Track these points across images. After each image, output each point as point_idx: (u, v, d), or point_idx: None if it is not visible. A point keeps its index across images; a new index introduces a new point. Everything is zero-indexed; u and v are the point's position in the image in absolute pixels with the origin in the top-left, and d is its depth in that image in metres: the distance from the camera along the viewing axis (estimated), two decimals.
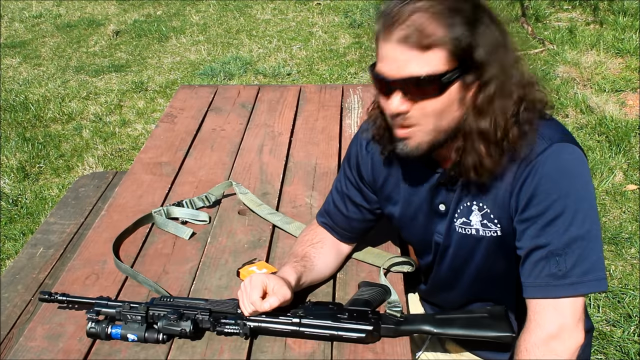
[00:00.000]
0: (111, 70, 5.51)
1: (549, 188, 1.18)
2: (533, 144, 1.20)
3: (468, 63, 1.13)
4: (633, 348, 2.33)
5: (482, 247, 1.33)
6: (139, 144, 4.19)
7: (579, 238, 1.18)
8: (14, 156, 4.15)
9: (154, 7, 7.12)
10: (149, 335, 1.35)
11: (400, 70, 1.13)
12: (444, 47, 1.11)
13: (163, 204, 1.87)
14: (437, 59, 1.12)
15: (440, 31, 1.10)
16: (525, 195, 1.21)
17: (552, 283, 1.19)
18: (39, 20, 7.06)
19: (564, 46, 4.81)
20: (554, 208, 1.18)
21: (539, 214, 1.20)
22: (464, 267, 1.40)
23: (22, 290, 2.04)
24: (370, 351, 1.32)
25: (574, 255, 1.18)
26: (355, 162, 1.50)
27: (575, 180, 1.19)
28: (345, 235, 1.56)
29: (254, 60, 5.39)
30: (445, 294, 1.51)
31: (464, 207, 1.31)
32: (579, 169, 1.20)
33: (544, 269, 1.20)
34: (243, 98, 2.54)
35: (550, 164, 1.18)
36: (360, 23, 5.89)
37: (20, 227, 3.46)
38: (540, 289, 1.21)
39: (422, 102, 1.15)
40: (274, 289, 1.32)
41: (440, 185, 1.33)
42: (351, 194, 1.52)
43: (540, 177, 1.18)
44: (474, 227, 1.31)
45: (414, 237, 1.49)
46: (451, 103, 1.16)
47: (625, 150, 3.55)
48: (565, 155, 1.20)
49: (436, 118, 1.17)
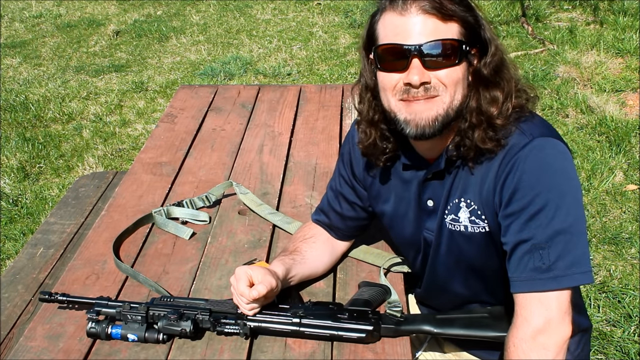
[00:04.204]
0: (111, 70, 5.51)
1: (531, 182, 1.19)
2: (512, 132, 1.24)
3: (475, 39, 1.23)
4: (633, 348, 2.33)
5: (472, 244, 1.33)
6: (139, 144, 4.19)
7: (562, 231, 1.18)
8: (14, 156, 4.15)
9: (154, 7, 7.12)
10: (149, 335, 1.35)
11: (427, 36, 1.19)
12: (460, 20, 1.20)
13: (163, 204, 1.87)
14: (455, 29, 1.20)
15: (453, 6, 1.20)
16: (507, 190, 1.22)
17: (536, 277, 1.19)
18: (39, 20, 7.07)
19: (564, 46, 4.81)
20: (536, 202, 1.19)
21: (521, 208, 1.20)
22: (456, 266, 1.40)
23: (22, 290, 2.04)
24: (370, 351, 1.32)
25: (558, 248, 1.18)
26: (348, 159, 1.52)
27: (557, 174, 1.20)
28: (340, 233, 1.57)
29: (254, 60, 5.39)
30: (440, 296, 1.51)
31: (453, 204, 1.33)
32: (561, 163, 1.21)
33: (528, 262, 1.20)
34: (243, 98, 2.54)
35: (532, 158, 1.20)
36: (361, 23, 5.88)
37: (20, 227, 3.46)
38: (526, 283, 1.21)
39: (442, 71, 1.20)
40: (259, 278, 1.32)
41: (427, 180, 1.35)
42: (345, 192, 1.54)
43: (522, 172, 1.20)
44: (463, 224, 1.32)
45: (404, 235, 1.48)
46: (464, 76, 1.24)
47: (626, 150, 3.55)
48: (547, 149, 1.21)
49: (454, 89, 1.22)
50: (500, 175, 1.23)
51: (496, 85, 1.24)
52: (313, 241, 1.55)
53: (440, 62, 1.19)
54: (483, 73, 1.24)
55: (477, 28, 1.23)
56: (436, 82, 1.21)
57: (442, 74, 1.20)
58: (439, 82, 1.21)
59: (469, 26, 1.22)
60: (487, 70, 1.23)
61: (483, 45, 1.24)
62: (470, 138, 1.24)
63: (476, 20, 1.23)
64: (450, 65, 1.20)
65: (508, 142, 1.23)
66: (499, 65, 1.25)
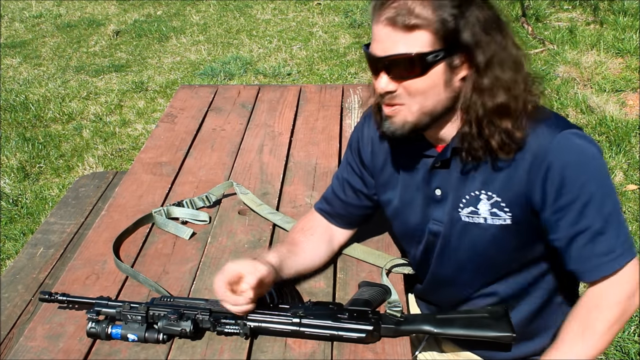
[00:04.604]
0: (111, 70, 5.51)
1: (575, 174, 1.21)
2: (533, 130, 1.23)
3: (455, 45, 1.17)
4: (633, 348, 2.33)
5: (488, 235, 1.33)
6: (139, 144, 4.19)
7: (612, 212, 1.24)
8: (14, 156, 4.15)
9: (154, 7, 7.12)
10: (149, 335, 1.35)
11: (386, 50, 1.19)
12: (429, 28, 1.15)
13: (163, 204, 1.87)
14: (421, 40, 1.16)
15: (426, 12, 1.14)
16: (552, 186, 1.23)
17: (605, 261, 1.23)
18: (39, 20, 7.07)
19: (564, 46, 4.81)
20: (585, 192, 1.22)
21: (572, 201, 1.22)
22: (467, 259, 1.39)
23: (22, 290, 2.04)
24: (370, 351, 1.32)
25: (614, 229, 1.23)
26: (356, 147, 1.53)
27: (594, 161, 1.23)
28: (341, 222, 1.57)
29: (254, 60, 5.39)
30: (443, 290, 1.50)
31: (471, 197, 1.32)
32: (592, 150, 1.24)
33: (593, 250, 1.24)
34: (243, 98, 2.54)
35: (569, 151, 1.22)
36: (361, 23, 5.89)
37: (20, 227, 3.46)
38: (596, 270, 1.25)
39: (407, 82, 1.20)
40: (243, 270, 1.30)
41: (435, 168, 1.35)
42: (351, 180, 1.54)
43: (564, 167, 1.21)
44: (482, 216, 1.32)
45: (408, 225, 1.47)
46: (436, 84, 1.20)
47: (626, 150, 3.55)
48: (577, 139, 1.23)
49: (421, 98, 1.21)
50: (536, 173, 1.23)
51: (496, 90, 1.20)
52: (311, 233, 1.55)
53: (403, 73, 1.20)
54: (475, 80, 1.20)
55: (458, 31, 1.16)
56: (402, 91, 1.22)
57: (407, 84, 1.21)
58: (404, 91, 1.22)
59: (445, 31, 1.15)
60: (480, 77, 1.20)
61: (467, 49, 1.18)
62: (475, 146, 1.25)
63: (461, 20, 1.15)
64: (414, 76, 1.19)
65: (529, 140, 1.23)
66: (503, 67, 1.20)
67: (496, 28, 1.20)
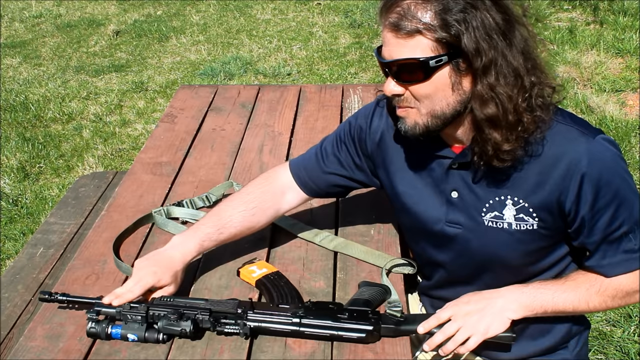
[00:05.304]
0: (111, 70, 5.51)
1: (609, 179, 1.24)
2: (545, 130, 1.23)
3: (458, 49, 1.15)
4: (633, 348, 2.33)
5: (512, 240, 1.33)
6: (139, 144, 4.19)
7: (638, 213, 1.28)
8: (14, 156, 4.15)
9: (154, 7, 7.12)
10: (149, 335, 1.35)
11: (392, 55, 1.20)
12: (430, 33, 1.15)
13: (163, 204, 1.87)
14: (423, 45, 1.16)
15: (428, 17, 1.14)
16: (588, 193, 1.24)
17: (631, 257, 1.29)
18: (39, 20, 7.07)
19: (564, 46, 4.81)
20: (618, 196, 1.25)
21: (607, 204, 1.25)
22: (489, 260, 1.39)
23: (22, 290, 2.04)
24: (370, 351, 1.32)
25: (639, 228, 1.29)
26: (358, 133, 1.50)
27: (621, 163, 1.27)
28: (307, 186, 1.56)
29: (254, 60, 5.39)
30: (462, 288, 1.45)
31: (495, 201, 1.31)
32: (619, 154, 1.28)
33: (619, 247, 1.28)
34: (243, 98, 2.54)
35: (603, 157, 1.24)
36: (361, 23, 5.89)
37: (20, 227, 3.46)
38: (622, 264, 1.29)
39: (413, 86, 1.21)
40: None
41: (452, 169, 1.34)
42: (342, 157, 1.52)
43: (601, 171, 1.23)
44: (507, 221, 1.32)
45: (419, 221, 1.44)
46: (442, 88, 1.20)
47: (626, 150, 3.55)
48: (608, 145, 1.26)
49: (428, 102, 1.22)
50: (570, 179, 1.24)
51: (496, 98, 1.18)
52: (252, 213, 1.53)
53: (408, 78, 1.20)
54: (473, 86, 1.19)
55: (460, 36, 1.13)
56: (409, 94, 1.23)
57: (413, 88, 1.22)
58: (411, 95, 1.23)
59: (447, 36, 1.14)
60: (480, 87, 1.18)
61: (470, 54, 1.15)
62: (485, 153, 1.24)
63: (464, 24, 1.13)
64: (418, 81, 1.20)
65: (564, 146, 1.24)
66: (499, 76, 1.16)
67: (502, 34, 1.16)
